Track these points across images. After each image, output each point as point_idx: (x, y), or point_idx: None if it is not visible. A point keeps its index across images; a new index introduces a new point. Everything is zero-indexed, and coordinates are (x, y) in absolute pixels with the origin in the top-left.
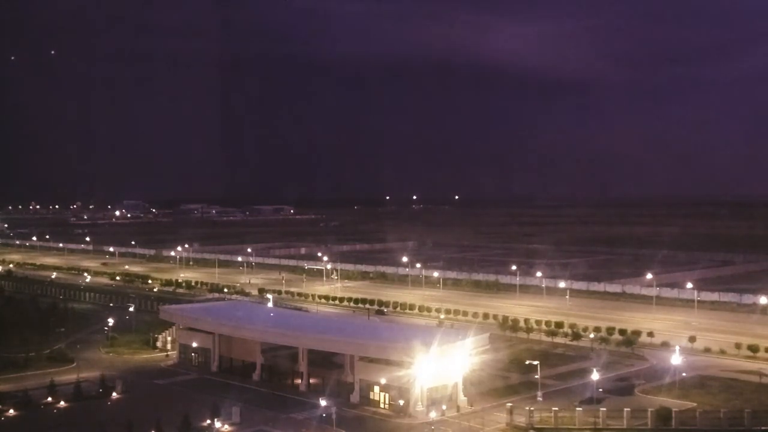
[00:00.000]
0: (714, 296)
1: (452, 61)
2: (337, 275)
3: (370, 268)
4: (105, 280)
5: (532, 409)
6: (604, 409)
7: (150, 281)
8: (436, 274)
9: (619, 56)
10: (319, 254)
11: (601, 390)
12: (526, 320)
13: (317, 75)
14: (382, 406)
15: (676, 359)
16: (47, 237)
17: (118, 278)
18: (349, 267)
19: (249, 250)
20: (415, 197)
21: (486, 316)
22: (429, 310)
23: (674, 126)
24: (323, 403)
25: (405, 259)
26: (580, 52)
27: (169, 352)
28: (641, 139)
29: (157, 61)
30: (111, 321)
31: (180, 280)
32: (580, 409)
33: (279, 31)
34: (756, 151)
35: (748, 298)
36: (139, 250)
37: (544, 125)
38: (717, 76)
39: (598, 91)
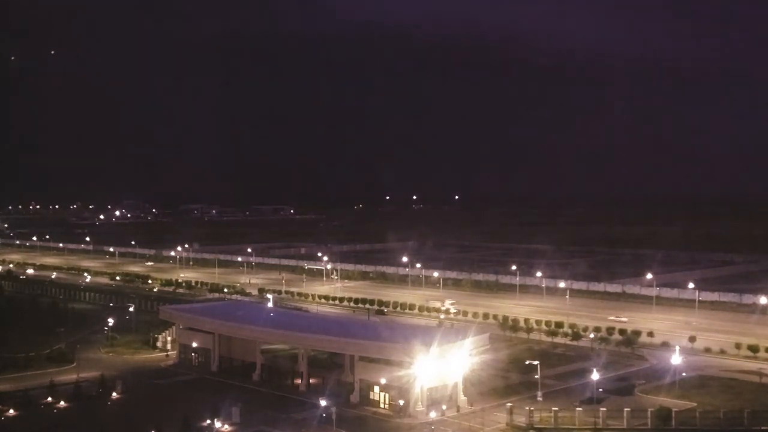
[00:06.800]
0: (714, 296)
1: (452, 56)
2: (337, 275)
3: (370, 268)
4: (105, 280)
5: (532, 409)
6: (604, 409)
7: (150, 281)
8: (436, 274)
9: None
10: (319, 254)
11: (601, 390)
12: (526, 320)
13: (317, 74)
14: (382, 406)
15: (676, 359)
16: (47, 237)
17: (118, 278)
18: (349, 267)
19: (249, 250)
20: (415, 197)
21: (486, 316)
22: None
23: (675, 123)
24: (323, 403)
25: (405, 259)
26: (577, 41)
27: (169, 352)
28: (642, 135)
29: (157, 59)
30: (111, 321)
31: (180, 280)
32: (580, 409)
33: (278, 27)
34: (758, 150)
35: (748, 298)
36: (139, 250)
37: (542, 123)
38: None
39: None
